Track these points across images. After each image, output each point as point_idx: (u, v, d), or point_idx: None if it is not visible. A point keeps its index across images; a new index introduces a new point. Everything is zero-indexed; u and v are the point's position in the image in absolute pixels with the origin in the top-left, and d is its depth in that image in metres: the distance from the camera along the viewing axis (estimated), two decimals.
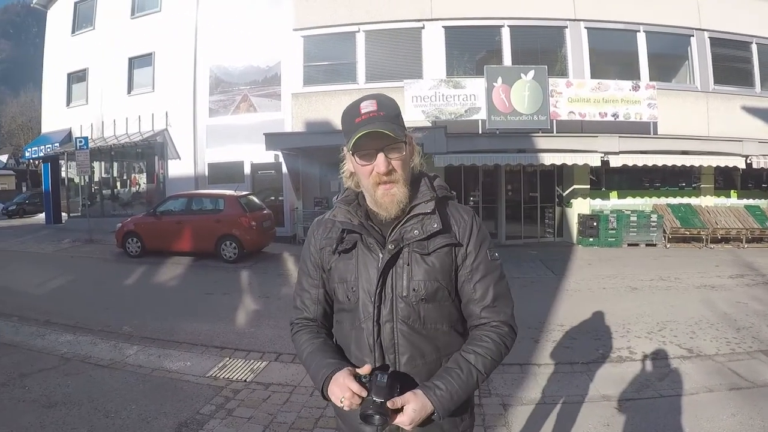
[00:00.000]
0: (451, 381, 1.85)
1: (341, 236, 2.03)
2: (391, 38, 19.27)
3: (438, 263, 1.97)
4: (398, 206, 1.94)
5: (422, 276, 1.95)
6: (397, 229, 1.97)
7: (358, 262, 2.01)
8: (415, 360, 1.95)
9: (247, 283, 12.40)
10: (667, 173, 18.67)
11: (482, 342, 1.96)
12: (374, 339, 1.95)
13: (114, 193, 25.48)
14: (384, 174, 1.89)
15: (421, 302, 1.95)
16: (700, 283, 11.40)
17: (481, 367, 1.91)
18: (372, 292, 1.95)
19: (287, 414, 5.26)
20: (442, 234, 1.97)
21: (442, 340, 2.01)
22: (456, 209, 2.08)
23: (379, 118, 1.88)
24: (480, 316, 2.00)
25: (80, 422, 5.04)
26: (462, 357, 1.93)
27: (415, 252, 1.96)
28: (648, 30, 18.80)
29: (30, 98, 68.07)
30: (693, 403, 5.33)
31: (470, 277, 2.01)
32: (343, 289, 2.03)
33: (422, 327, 1.97)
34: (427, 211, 1.96)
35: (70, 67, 25.97)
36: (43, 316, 9.02)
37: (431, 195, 2.00)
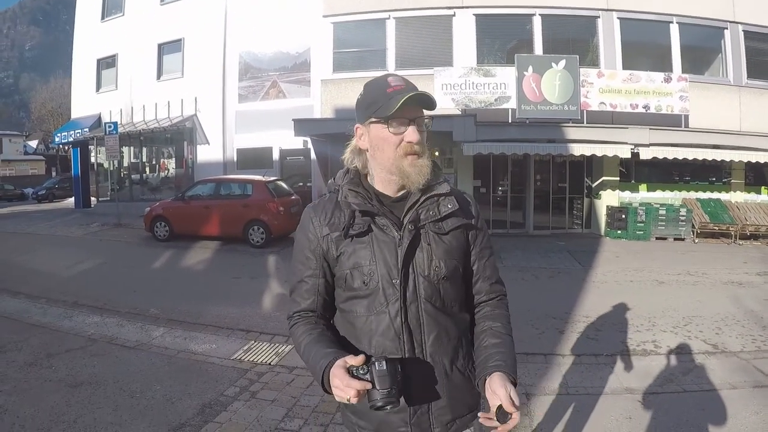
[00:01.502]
0: (507, 352, 1.96)
1: (350, 220, 1.96)
2: (422, 25, 19.23)
3: (455, 242, 2.01)
4: (423, 178, 1.93)
5: (442, 255, 1.97)
6: (413, 210, 1.96)
7: (373, 245, 1.95)
8: (440, 339, 1.96)
9: (274, 268, 12.48)
10: (698, 167, 18.43)
11: (501, 315, 2.11)
12: (401, 321, 1.92)
13: (143, 177, 25.71)
14: (416, 143, 1.89)
15: (442, 281, 1.96)
16: (728, 279, 11.26)
17: (511, 332, 2.08)
18: (394, 275, 1.92)
19: (310, 398, 5.29)
20: (456, 215, 2.00)
21: (458, 317, 2.05)
22: (459, 193, 2.11)
23: (411, 88, 1.88)
24: (489, 291, 2.12)
25: (105, 402, 5.11)
26: (498, 331, 2.05)
27: (432, 232, 1.97)
28: (681, 21, 18.54)
29: (60, 84, 69.01)
30: (716, 399, 5.28)
31: (481, 255, 2.11)
32: (358, 275, 1.96)
33: (443, 305, 1.98)
34: (443, 191, 1.98)
35: (100, 53, 26.20)
36: (71, 297, 9.15)
37: (443, 177, 2.05)
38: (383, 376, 1.70)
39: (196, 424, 4.69)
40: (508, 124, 16.87)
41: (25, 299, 9.09)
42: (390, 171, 1.95)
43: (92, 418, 4.77)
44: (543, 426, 4.78)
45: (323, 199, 2.15)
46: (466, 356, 2.04)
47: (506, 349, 1.96)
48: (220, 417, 4.84)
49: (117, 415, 4.84)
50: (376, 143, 1.95)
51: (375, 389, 1.68)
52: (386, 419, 1.96)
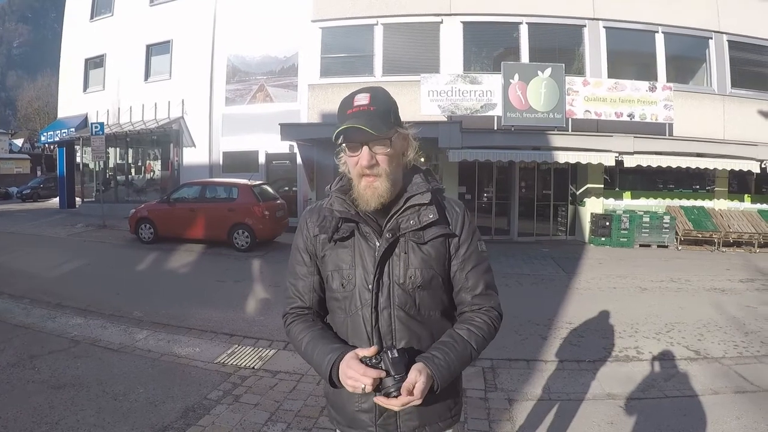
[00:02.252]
0: (447, 352, 1.92)
1: (337, 225, 2.03)
2: (410, 32, 19.29)
3: (433, 252, 2.01)
4: (378, 200, 1.94)
5: (418, 264, 1.99)
6: (393, 219, 1.99)
7: (354, 250, 2.02)
8: (411, 345, 1.98)
9: (258, 271, 12.47)
10: (682, 175, 18.59)
11: (474, 321, 2.04)
12: (372, 325, 1.98)
13: (128, 179, 25.60)
14: (366, 167, 1.92)
15: (417, 289, 1.99)
16: (711, 286, 11.37)
17: (474, 342, 1.99)
18: (369, 280, 1.98)
19: (293, 402, 5.31)
20: (438, 224, 2.01)
21: (436, 326, 2.06)
22: (449, 202, 2.12)
23: (367, 113, 1.89)
24: (471, 303, 2.08)
25: (88, 404, 5.11)
26: (456, 332, 2.01)
27: (411, 241, 1.99)
28: (666, 31, 18.71)
29: (47, 83, 68.55)
30: (698, 404, 5.34)
31: (462, 267, 2.07)
32: (338, 277, 2.04)
33: (417, 313, 2.01)
34: (424, 201, 1.99)
35: (88, 53, 26.08)
36: (55, 299, 9.10)
37: (427, 186, 2.03)
38: (397, 363, 1.77)
39: (179, 428, 4.69)
40: (494, 131, 16.94)
41: (8, 299, 9.04)
42: (355, 187, 2.01)
43: (75, 419, 4.77)
44: (525, 430, 4.82)
45: (320, 202, 2.19)
46: None
47: (449, 350, 1.93)
48: (203, 420, 4.85)
49: (100, 417, 4.84)
50: (345, 160, 2.05)
51: (389, 377, 1.75)
52: (356, 417, 2.05)
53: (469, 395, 5.47)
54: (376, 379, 1.75)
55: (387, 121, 1.93)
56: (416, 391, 1.75)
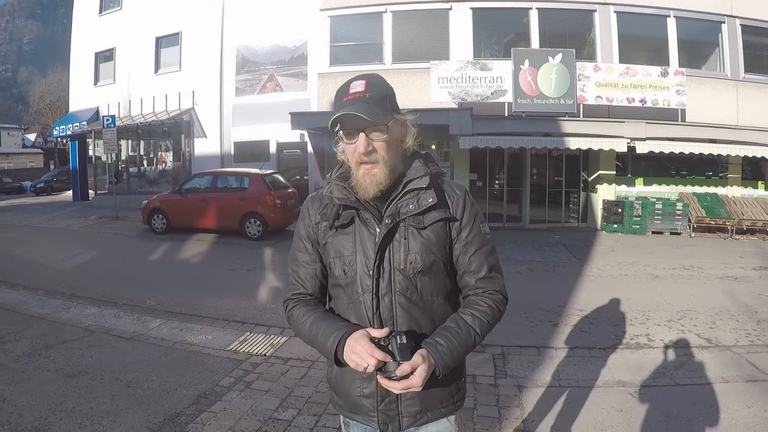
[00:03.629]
0: (450, 338, 1.92)
1: (338, 212, 2.04)
2: (419, 19, 19.22)
3: (434, 237, 2.01)
4: (377, 187, 1.95)
5: (418, 249, 1.99)
6: (393, 204, 1.99)
7: (355, 237, 2.03)
8: (413, 330, 1.98)
9: (270, 260, 12.52)
10: (694, 161, 18.41)
11: (478, 306, 2.04)
12: (373, 311, 1.99)
13: (140, 170, 25.67)
14: (363, 154, 1.92)
15: (418, 274, 2.00)
16: (723, 273, 11.28)
17: (478, 328, 2.00)
18: (370, 266, 1.99)
19: (304, 388, 5.35)
20: (437, 208, 2.01)
21: (438, 311, 2.06)
22: (449, 185, 2.11)
23: (363, 99, 1.89)
24: (476, 286, 2.08)
25: (102, 391, 5.16)
26: (460, 317, 2.01)
27: (411, 226, 1.99)
28: (678, 15, 18.53)
29: (58, 78, 68.91)
30: (708, 393, 5.32)
31: (465, 250, 2.07)
32: (339, 264, 2.06)
33: (419, 299, 2.02)
34: (422, 186, 1.99)
35: (98, 47, 26.14)
36: (69, 289, 9.19)
37: (425, 171, 2.03)
38: (404, 349, 1.78)
39: (192, 414, 4.74)
40: (505, 117, 16.87)
41: (24, 291, 9.14)
42: (353, 174, 2.02)
43: (89, 407, 4.83)
44: (534, 417, 4.82)
45: (321, 190, 2.20)
46: None
47: (452, 336, 1.94)
48: (215, 407, 4.90)
49: (113, 404, 4.89)
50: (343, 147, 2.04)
51: (394, 360, 1.76)
52: (358, 402, 2.08)
53: (479, 381, 5.48)
54: (381, 361, 1.76)
55: (383, 108, 1.92)
56: (417, 377, 1.76)
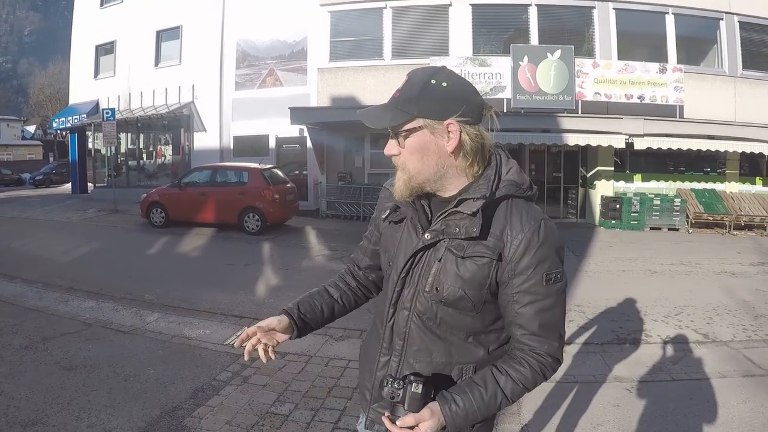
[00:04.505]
0: (471, 399, 1.66)
1: (395, 206, 1.89)
2: (418, 15, 19.25)
3: (470, 271, 1.71)
4: (400, 194, 1.76)
5: (449, 279, 1.72)
6: (440, 220, 1.75)
7: (401, 238, 1.87)
8: (421, 355, 1.81)
9: (268, 255, 12.53)
10: (692, 158, 18.43)
11: (520, 366, 1.72)
12: (387, 319, 1.87)
13: (140, 164, 25.75)
14: (388, 157, 1.78)
15: (440, 303, 1.75)
16: (721, 269, 11.31)
17: (509, 392, 1.70)
18: (398, 274, 1.83)
19: (301, 383, 5.36)
20: (485, 242, 1.70)
21: (458, 347, 1.81)
22: (519, 215, 1.72)
23: (392, 100, 1.71)
24: (521, 342, 1.74)
25: (100, 384, 5.18)
26: (492, 375, 1.71)
27: (450, 250, 1.73)
28: (677, 12, 18.54)
29: (58, 70, 68.98)
30: (705, 388, 5.34)
31: (515, 299, 1.71)
32: (385, 258, 1.98)
33: (436, 327, 1.79)
34: (467, 212, 1.68)
35: (99, 40, 26.15)
36: (67, 282, 9.18)
37: (483, 193, 1.69)
38: (415, 399, 1.60)
39: (189, 408, 4.76)
40: (503, 113, 16.81)
41: (22, 283, 9.13)
42: None
43: (86, 400, 4.84)
44: (530, 412, 4.84)
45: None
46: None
47: (473, 396, 1.66)
48: (212, 401, 4.91)
49: (111, 397, 4.91)
50: None
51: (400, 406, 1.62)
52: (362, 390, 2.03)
53: None
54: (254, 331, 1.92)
55: (403, 110, 1.68)
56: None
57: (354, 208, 18.35)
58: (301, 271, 10.90)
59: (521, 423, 4.65)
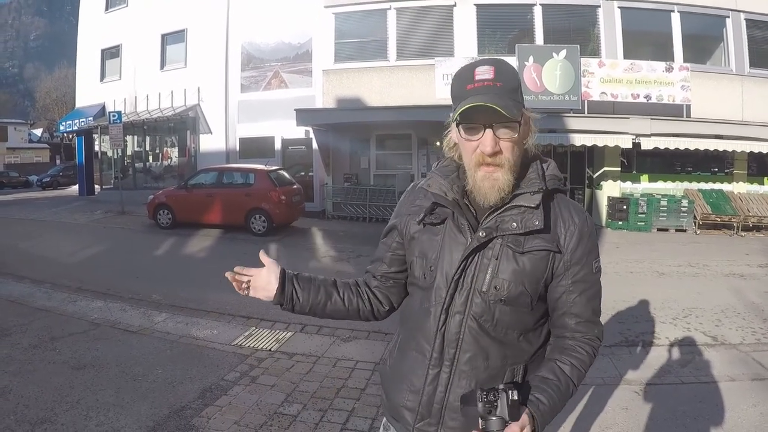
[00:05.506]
0: (552, 395, 1.67)
1: (431, 207, 1.80)
2: (423, 16, 19.26)
3: (529, 266, 1.72)
4: (498, 194, 1.68)
5: (509, 275, 1.71)
6: (493, 216, 1.72)
7: (443, 240, 1.78)
8: (476, 361, 1.75)
9: (275, 255, 12.42)
10: (700, 158, 18.36)
11: (577, 353, 1.78)
12: (437, 327, 1.76)
13: (146, 166, 25.91)
14: (489, 155, 1.65)
15: (499, 302, 1.72)
16: (729, 271, 11.24)
17: (576, 379, 1.76)
18: (450, 278, 1.74)
19: (309, 383, 5.36)
20: (542, 235, 1.72)
21: (512, 347, 1.79)
22: (567, 207, 1.80)
23: (494, 89, 1.63)
24: (575, 330, 1.79)
25: (108, 384, 5.20)
26: (559, 368, 1.75)
27: (507, 246, 1.71)
28: (682, 10, 18.47)
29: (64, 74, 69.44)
30: (714, 391, 5.30)
31: (571, 290, 1.77)
32: (420, 265, 1.83)
33: (493, 329, 1.75)
34: (530, 205, 1.70)
35: (104, 44, 26.29)
36: (75, 283, 9.23)
37: (539, 186, 1.73)
38: (516, 407, 1.53)
39: (197, 407, 4.76)
40: None
41: (30, 284, 9.18)
42: (470, 176, 1.74)
43: (94, 399, 4.86)
44: None
45: (421, 181, 1.96)
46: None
47: (553, 392, 1.68)
48: (220, 401, 4.92)
49: (119, 396, 4.93)
50: (459, 143, 1.78)
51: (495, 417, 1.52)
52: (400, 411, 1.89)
53: None
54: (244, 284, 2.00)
55: (516, 101, 1.66)
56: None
57: (360, 209, 18.30)
58: (308, 272, 10.86)
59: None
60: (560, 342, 1.83)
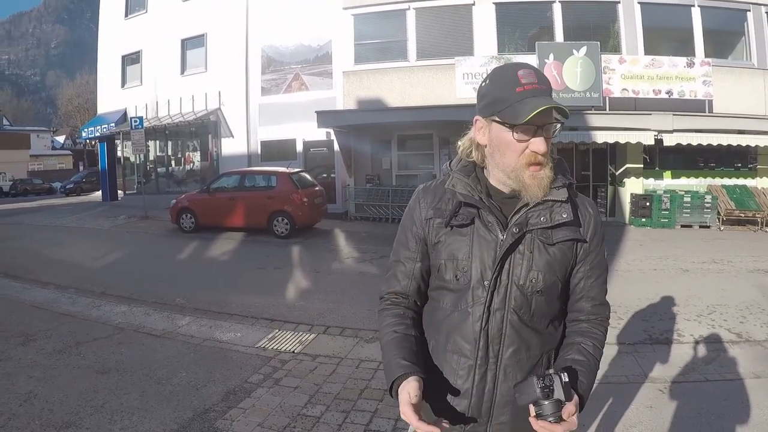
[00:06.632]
0: (587, 374, 1.79)
1: (456, 209, 1.82)
2: (442, 15, 19.21)
3: (559, 256, 1.83)
4: (543, 191, 1.76)
5: (542, 266, 1.80)
6: (522, 212, 1.79)
7: (472, 240, 1.81)
8: (519, 353, 1.82)
9: (298, 258, 12.58)
10: (723, 153, 18.15)
11: (595, 334, 1.91)
12: (481, 326, 1.79)
13: (168, 170, 26.00)
14: (541, 154, 1.74)
15: (535, 294, 1.80)
16: (754, 267, 11.11)
17: (600, 358, 1.88)
18: (487, 276, 1.79)
19: (333, 385, 5.37)
20: (569, 226, 1.82)
21: (545, 335, 1.88)
22: (582, 201, 1.92)
23: (542, 91, 1.73)
24: (591, 312, 1.92)
25: (132, 387, 5.24)
26: (585, 349, 1.86)
27: (538, 239, 1.80)
28: (703, 5, 18.29)
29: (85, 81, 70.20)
30: (739, 388, 5.24)
31: (589, 275, 1.90)
32: (452, 268, 1.84)
33: (530, 320, 1.82)
34: (560, 198, 1.79)
35: (124, 50, 26.50)
36: (99, 288, 9.31)
37: (563, 181, 1.83)
38: (568, 388, 1.62)
39: (220, 410, 4.79)
40: None
41: (55, 289, 9.27)
42: (508, 176, 1.80)
43: (119, 402, 4.90)
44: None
45: (436, 181, 1.99)
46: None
47: (587, 370, 1.79)
48: (243, 403, 4.94)
49: (143, 400, 4.96)
50: (497, 144, 1.79)
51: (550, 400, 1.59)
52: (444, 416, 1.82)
53: None
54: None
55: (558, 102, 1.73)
56: (575, 418, 1.61)
57: (383, 210, 18.32)
58: (331, 273, 10.93)
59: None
60: (576, 325, 1.95)
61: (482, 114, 1.82)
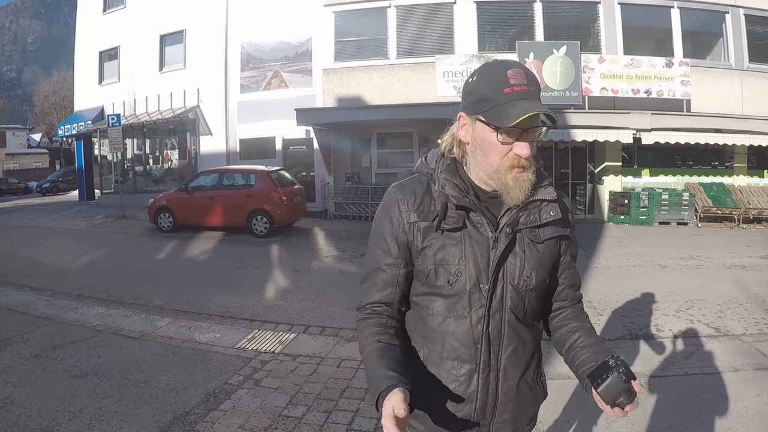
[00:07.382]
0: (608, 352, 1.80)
1: (444, 211, 1.75)
2: (423, 13, 19.21)
3: (548, 252, 1.85)
4: (525, 194, 1.72)
5: (534, 264, 1.80)
6: (512, 212, 1.76)
7: (464, 243, 1.75)
8: (517, 351, 1.82)
9: (277, 257, 12.52)
10: (700, 152, 18.39)
11: (585, 317, 2.00)
12: (482, 330, 1.77)
13: (146, 169, 25.77)
14: (525, 158, 1.69)
15: (528, 291, 1.80)
16: (731, 262, 11.28)
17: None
18: (483, 279, 1.75)
19: (314, 385, 5.34)
20: (555, 224, 1.83)
21: (536, 329, 1.92)
22: (560, 197, 1.89)
23: (531, 93, 1.68)
24: (573, 298, 2.00)
25: (111, 392, 5.17)
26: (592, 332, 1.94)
27: (527, 238, 1.80)
28: (682, 6, 18.49)
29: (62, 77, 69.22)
30: (718, 382, 5.32)
31: (568, 265, 1.97)
32: (444, 273, 1.77)
33: (525, 317, 1.83)
34: (548, 197, 1.80)
35: (102, 46, 26.20)
36: (76, 289, 9.20)
37: (549, 180, 1.86)
38: (628, 366, 1.64)
39: (201, 412, 4.74)
40: None
41: (31, 292, 9.15)
42: (489, 176, 1.76)
43: (98, 407, 4.83)
44: (542, 409, 4.80)
45: (411, 180, 1.90)
46: (535, 370, 1.93)
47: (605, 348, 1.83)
48: (224, 405, 4.90)
49: (122, 404, 4.90)
50: (480, 144, 1.75)
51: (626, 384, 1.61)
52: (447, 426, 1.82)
53: None
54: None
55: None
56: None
57: (362, 208, 18.34)
58: (311, 272, 10.88)
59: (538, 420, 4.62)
60: (565, 312, 2.01)
61: (467, 111, 1.78)
